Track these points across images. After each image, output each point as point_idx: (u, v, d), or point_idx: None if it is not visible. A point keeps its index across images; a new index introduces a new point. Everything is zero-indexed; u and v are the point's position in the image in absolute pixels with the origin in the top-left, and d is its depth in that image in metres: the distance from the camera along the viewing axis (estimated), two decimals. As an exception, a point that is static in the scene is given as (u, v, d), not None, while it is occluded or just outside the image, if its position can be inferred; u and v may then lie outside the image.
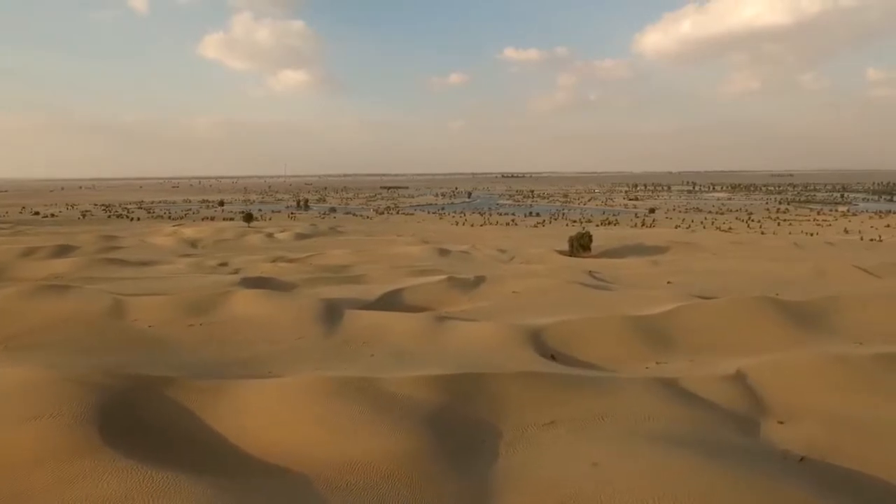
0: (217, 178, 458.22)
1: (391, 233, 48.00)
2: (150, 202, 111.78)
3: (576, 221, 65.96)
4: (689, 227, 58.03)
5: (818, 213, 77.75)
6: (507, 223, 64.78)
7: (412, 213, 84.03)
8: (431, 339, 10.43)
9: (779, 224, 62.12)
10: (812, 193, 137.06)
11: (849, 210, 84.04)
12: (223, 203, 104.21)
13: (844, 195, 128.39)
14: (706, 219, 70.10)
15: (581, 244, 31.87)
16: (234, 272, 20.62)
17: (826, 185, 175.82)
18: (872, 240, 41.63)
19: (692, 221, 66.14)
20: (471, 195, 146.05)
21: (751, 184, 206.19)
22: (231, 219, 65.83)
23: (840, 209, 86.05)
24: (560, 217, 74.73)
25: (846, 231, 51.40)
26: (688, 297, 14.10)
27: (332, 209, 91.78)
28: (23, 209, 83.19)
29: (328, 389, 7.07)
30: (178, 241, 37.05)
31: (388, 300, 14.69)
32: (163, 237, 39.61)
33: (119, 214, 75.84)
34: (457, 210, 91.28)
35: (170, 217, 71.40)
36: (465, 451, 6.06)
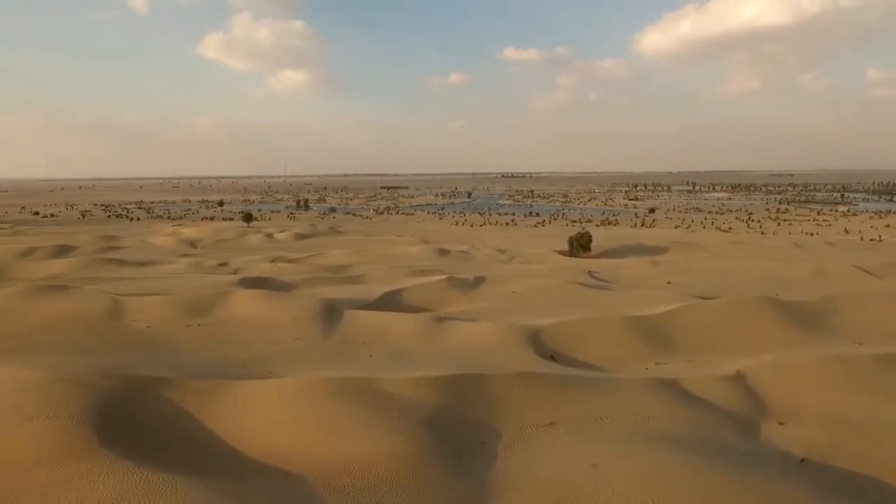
0: (217, 178, 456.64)
1: (391, 233, 47.96)
2: (150, 202, 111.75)
3: (576, 221, 65.91)
4: (689, 228, 58.00)
5: (818, 213, 77.72)
6: (507, 223, 64.73)
7: (412, 213, 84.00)
8: (430, 340, 10.41)
9: (779, 224, 62.09)
10: (812, 193, 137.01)
11: (849, 210, 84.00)
12: (223, 203, 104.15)
13: (844, 195, 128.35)
14: (706, 219, 70.06)
15: (581, 244, 31.83)
16: (234, 272, 20.60)
17: (826, 185, 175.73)
18: (872, 240, 41.60)
19: (692, 221, 66.10)
20: (471, 195, 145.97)
21: (751, 184, 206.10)
22: (231, 219, 65.77)
23: (840, 209, 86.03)
24: (560, 217, 74.68)
25: (846, 231, 51.38)
26: (688, 298, 14.09)
27: (332, 209, 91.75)
28: (22, 209, 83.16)
29: (327, 390, 7.05)
30: (178, 242, 37.00)
31: (388, 300, 14.67)
32: (162, 237, 39.57)
33: (119, 214, 75.80)
34: (457, 210, 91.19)
35: (169, 217, 71.33)
36: (465, 453, 6.04)
